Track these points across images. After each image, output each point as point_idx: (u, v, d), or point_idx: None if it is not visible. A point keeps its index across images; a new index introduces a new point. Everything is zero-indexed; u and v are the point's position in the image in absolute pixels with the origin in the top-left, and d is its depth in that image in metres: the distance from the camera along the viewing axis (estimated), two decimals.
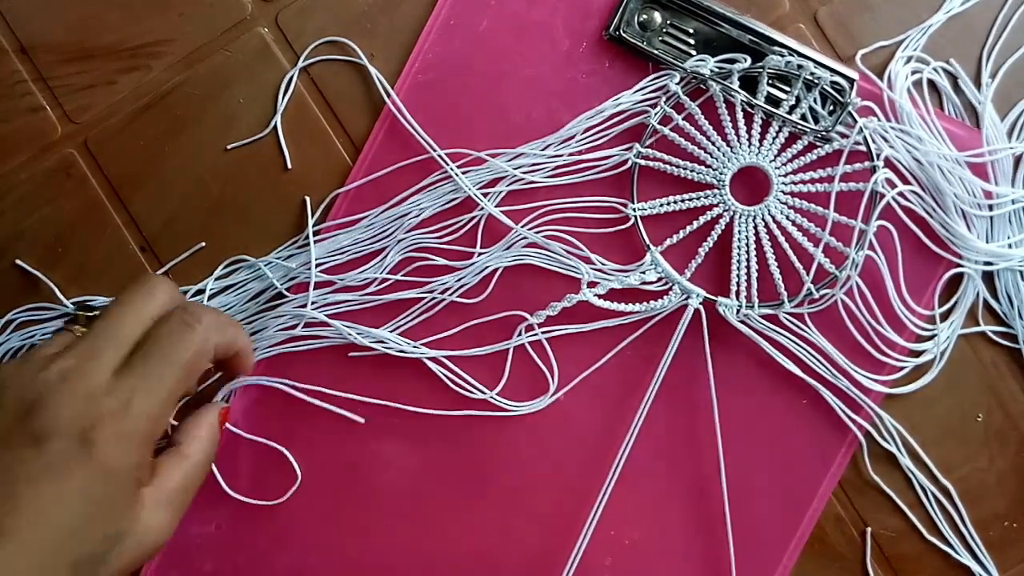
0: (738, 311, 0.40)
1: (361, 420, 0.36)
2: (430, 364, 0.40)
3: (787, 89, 0.40)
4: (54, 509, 0.29)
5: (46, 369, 0.31)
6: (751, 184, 0.41)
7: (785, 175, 0.40)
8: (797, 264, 0.40)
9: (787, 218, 0.40)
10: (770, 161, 0.40)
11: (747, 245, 0.40)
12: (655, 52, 0.40)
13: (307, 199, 0.41)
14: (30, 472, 0.30)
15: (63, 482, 0.30)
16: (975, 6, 0.41)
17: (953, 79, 0.41)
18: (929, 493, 0.41)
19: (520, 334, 0.40)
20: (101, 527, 0.30)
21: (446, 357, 0.40)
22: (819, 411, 0.40)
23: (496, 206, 0.40)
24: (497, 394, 0.40)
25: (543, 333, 0.40)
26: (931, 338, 0.41)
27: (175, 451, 0.35)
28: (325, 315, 0.40)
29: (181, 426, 0.36)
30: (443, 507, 0.41)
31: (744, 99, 0.39)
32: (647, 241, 0.40)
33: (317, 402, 0.40)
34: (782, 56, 0.39)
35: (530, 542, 0.41)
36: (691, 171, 0.40)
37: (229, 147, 0.42)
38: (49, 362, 0.32)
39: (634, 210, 0.40)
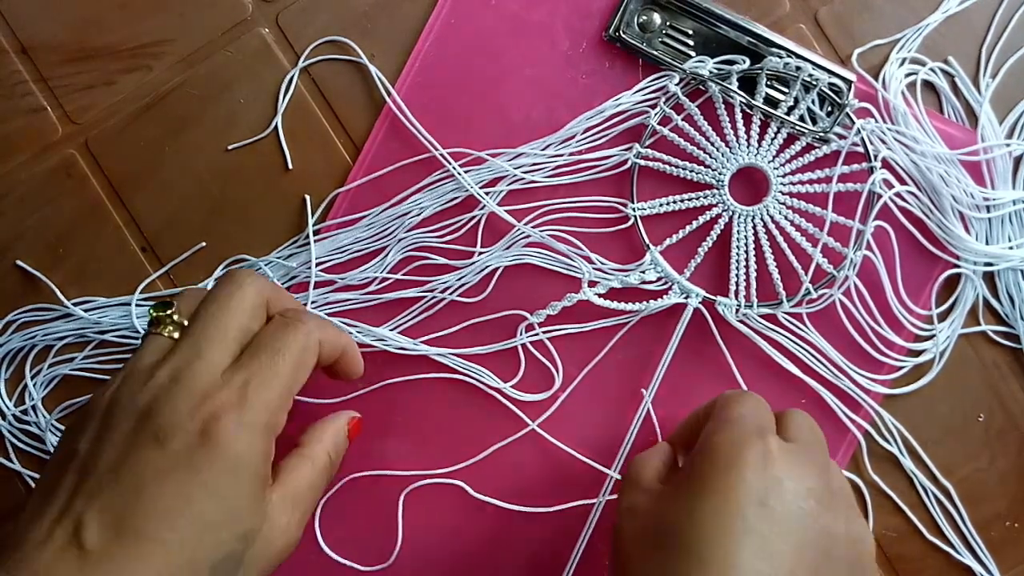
0: (737, 311, 0.40)
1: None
2: (438, 359, 0.40)
3: (785, 90, 0.40)
4: (183, 507, 0.28)
5: (153, 376, 0.30)
6: (750, 184, 0.41)
7: (784, 175, 0.40)
8: (796, 264, 0.40)
9: (785, 218, 0.40)
10: (769, 162, 0.40)
11: (746, 245, 0.40)
12: (655, 53, 0.40)
13: (307, 198, 0.41)
14: (156, 471, 0.28)
15: (190, 477, 0.28)
16: (974, 6, 0.41)
17: (952, 80, 0.41)
18: (930, 493, 0.41)
19: (521, 333, 0.40)
20: (232, 526, 0.29)
21: (449, 354, 0.40)
22: (818, 411, 0.40)
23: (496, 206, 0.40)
24: (501, 393, 0.40)
25: (544, 332, 0.40)
26: (930, 338, 0.41)
27: (298, 452, 0.33)
28: (325, 314, 0.40)
29: (307, 430, 0.35)
30: (442, 506, 0.41)
31: (743, 100, 0.39)
32: (647, 241, 0.40)
33: (317, 401, 0.40)
34: (780, 57, 0.39)
35: (531, 541, 0.40)
36: (690, 171, 0.40)
37: (230, 147, 0.42)
38: (155, 369, 0.30)
39: (634, 210, 0.40)
